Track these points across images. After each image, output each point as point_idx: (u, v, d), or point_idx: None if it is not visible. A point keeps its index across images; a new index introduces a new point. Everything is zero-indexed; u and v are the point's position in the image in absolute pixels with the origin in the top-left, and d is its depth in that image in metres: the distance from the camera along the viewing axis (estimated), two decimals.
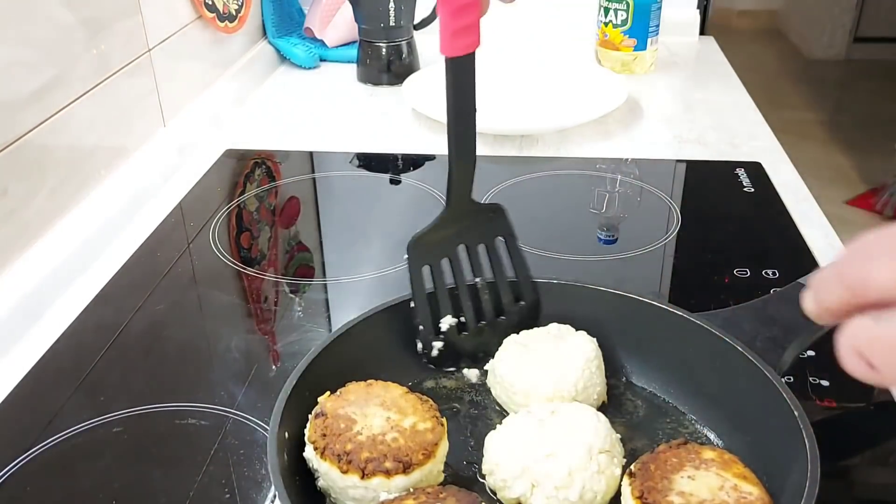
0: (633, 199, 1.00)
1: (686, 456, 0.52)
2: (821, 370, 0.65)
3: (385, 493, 0.51)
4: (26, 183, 0.80)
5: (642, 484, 0.50)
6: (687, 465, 0.51)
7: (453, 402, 0.63)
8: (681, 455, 0.52)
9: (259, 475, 0.59)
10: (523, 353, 0.61)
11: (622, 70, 1.34)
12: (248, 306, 0.81)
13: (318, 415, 0.55)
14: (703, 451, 0.52)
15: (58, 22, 0.84)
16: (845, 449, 0.60)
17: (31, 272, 0.78)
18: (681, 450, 0.52)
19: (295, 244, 0.93)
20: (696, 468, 0.50)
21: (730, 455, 0.52)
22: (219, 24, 1.20)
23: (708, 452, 0.52)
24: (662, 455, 0.52)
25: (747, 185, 0.97)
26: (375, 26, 1.31)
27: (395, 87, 1.30)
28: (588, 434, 0.53)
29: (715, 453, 0.52)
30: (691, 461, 0.51)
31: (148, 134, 1.03)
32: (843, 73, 4.18)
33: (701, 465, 0.51)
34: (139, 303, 0.79)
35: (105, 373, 0.70)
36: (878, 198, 2.98)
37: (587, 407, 0.56)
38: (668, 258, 0.86)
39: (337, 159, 1.10)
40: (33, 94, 0.80)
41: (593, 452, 0.52)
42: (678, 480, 0.50)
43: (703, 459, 0.51)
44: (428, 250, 0.64)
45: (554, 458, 0.52)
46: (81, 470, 0.60)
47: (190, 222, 0.94)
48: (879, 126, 3.49)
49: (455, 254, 0.65)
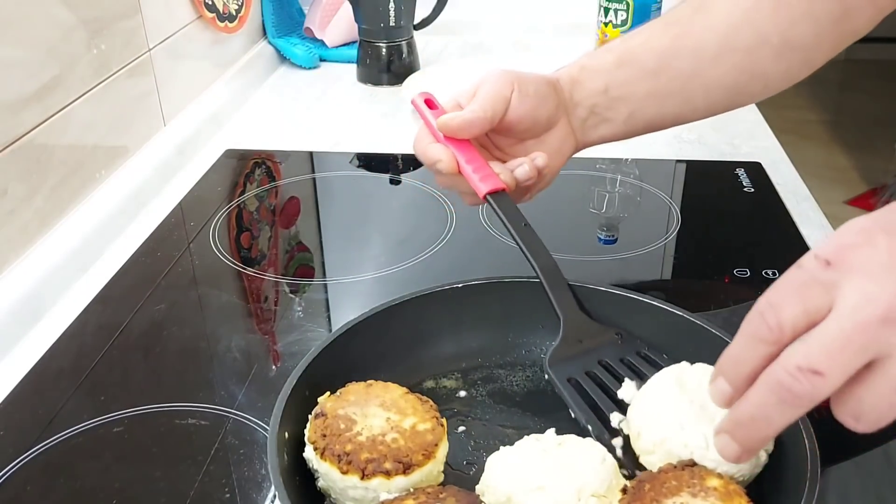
0: (633, 199, 1.00)
1: (688, 480, 0.49)
2: None
3: (385, 493, 0.51)
4: (26, 183, 0.80)
5: (631, 503, 0.48)
6: (684, 491, 0.48)
7: (453, 402, 0.63)
8: (682, 478, 0.49)
9: (259, 475, 0.59)
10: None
11: None
12: (248, 306, 0.81)
13: (318, 415, 0.55)
14: (708, 477, 0.49)
15: (58, 22, 0.84)
16: (845, 449, 0.60)
17: (31, 272, 0.78)
18: (685, 472, 0.50)
19: (295, 244, 0.93)
20: (692, 495, 0.47)
21: (735, 486, 0.48)
22: (219, 24, 1.20)
23: (713, 480, 0.49)
24: (662, 476, 0.50)
25: (747, 185, 0.97)
26: (375, 26, 1.31)
27: (395, 87, 1.30)
28: (585, 475, 0.51)
29: (720, 482, 0.48)
30: (691, 487, 0.48)
31: (148, 134, 1.03)
32: (843, 73, 4.17)
33: (699, 493, 0.47)
34: (139, 303, 0.79)
35: (105, 373, 0.70)
36: (878, 198, 2.98)
37: (599, 446, 0.54)
38: (668, 258, 0.86)
39: (337, 159, 1.10)
40: (33, 94, 0.80)
41: (583, 494, 0.50)
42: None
43: (704, 486, 0.48)
44: (566, 367, 0.61)
45: (542, 492, 0.50)
46: (81, 470, 0.60)
47: (190, 222, 0.94)
48: (879, 126, 3.48)
49: (597, 367, 0.62)
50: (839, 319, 0.39)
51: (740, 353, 0.43)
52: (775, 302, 0.41)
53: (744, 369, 0.43)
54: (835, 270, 0.40)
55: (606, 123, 0.71)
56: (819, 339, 0.39)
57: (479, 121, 0.65)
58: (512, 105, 0.66)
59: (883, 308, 0.38)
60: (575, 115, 0.70)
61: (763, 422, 0.42)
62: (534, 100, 0.67)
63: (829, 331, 0.39)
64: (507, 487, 0.51)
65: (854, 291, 0.39)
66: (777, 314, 0.41)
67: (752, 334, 0.42)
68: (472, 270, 0.72)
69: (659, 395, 0.55)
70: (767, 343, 0.41)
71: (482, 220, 0.91)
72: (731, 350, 0.44)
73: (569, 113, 0.70)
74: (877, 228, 0.40)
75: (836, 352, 0.39)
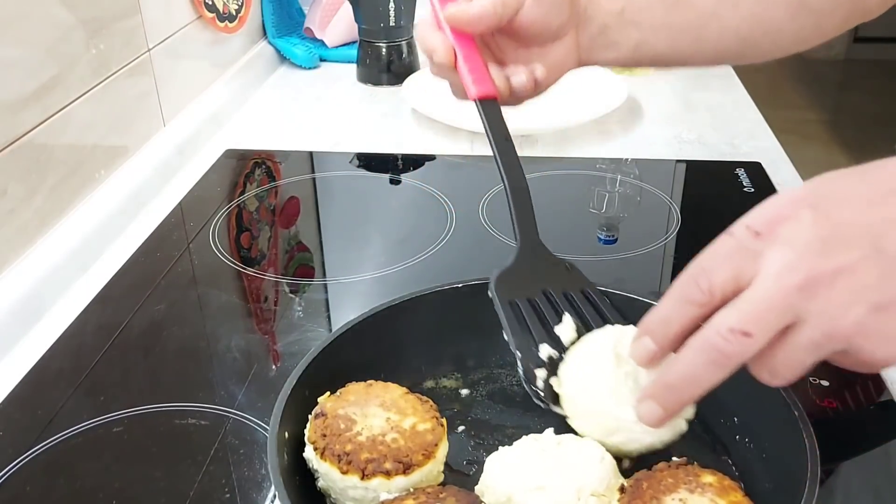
0: (633, 199, 1.00)
1: (684, 477, 0.50)
2: (821, 370, 0.65)
3: (385, 493, 0.51)
4: (26, 183, 0.79)
5: (630, 501, 0.49)
6: (681, 487, 0.49)
7: (453, 402, 0.63)
8: (678, 476, 0.50)
9: (259, 475, 0.59)
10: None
11: (622, 70, 1.34)
12: (248, 306, 0.81)
13: (318, 415, 0.55)
14: (703, 474, 0.50)
15: (57, 22, 0.84)
16: (845, 449, 0.60)
17: (31, 272, 0.78)
18: (680, 470, 0.51)
19: (295, 244, 0.93)
20: (690, 491, 0.48)
21: (730, 482, 0.50)
22: (219, 24, 1.20)
23: (708, 476, 0.50)
24: (659, 474, 0.50)
25: (747, 185, 0.97)
26: (375, 26, 1.31)
27: (395, 87, 1.30)
28: (584, 474, 0.51)
29: (715, 478, 0.50)
30: (687, 483, 0.49)
31: (148, 134, 1.03)
32: (843, 73, 4.18)
33: (696, 489, 0.49)
34: (139, 303, 0.79)
35: (105, 373, 0.70)
36: None
37: (597, 446, 0.54)
38: (668, 258, 0.86)
39: (337, 159, 1.10)
40: (33, 93, 0.80)
41: (583, 493, 0.50)
42: (668, 502, 0.48)
43: (700, 483, 0.49)
44: (511, 289, 0.60)
45: (542, 491, 0.50)
46: (81, 470, 0.60)
47: (190, 222, 0.94)
48: (879, 126, 3.49)
49: (540, 296, 0.61)
50: (765, 285, 0.42)
51: (669, 313, 0.46)
52: (707, 267, 0.45)
53: (671, 329, 0.46)
54: (762, 241, 0.43)
55: (614, 47, 0.69)
56: (749, 303, 0.43)
57: (488, 17, 0.62)
58: (526, 6, 0.63)
59: (801, 277, 0.41)
60: (585, 32, 0.68)
61: (692, 382, 0.45)
62: (549, 5, 0.64)
63: (756, 295, 0.42)
64: (507, 488, 0.51)
65: (777, 261, 0.42)
66: (709, 278, 0.44)
67: (682, 297, 0.45)
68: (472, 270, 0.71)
69: (595, 364, 0.55)
70: (698, 305, 0.45)
71: (482, 220, 0.91)
72: (658, 310, 0.47)
73: (579, 28, 0.68)
74: (804, 203, 0.43)
75: (763, 314, 0.42)
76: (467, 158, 1.08)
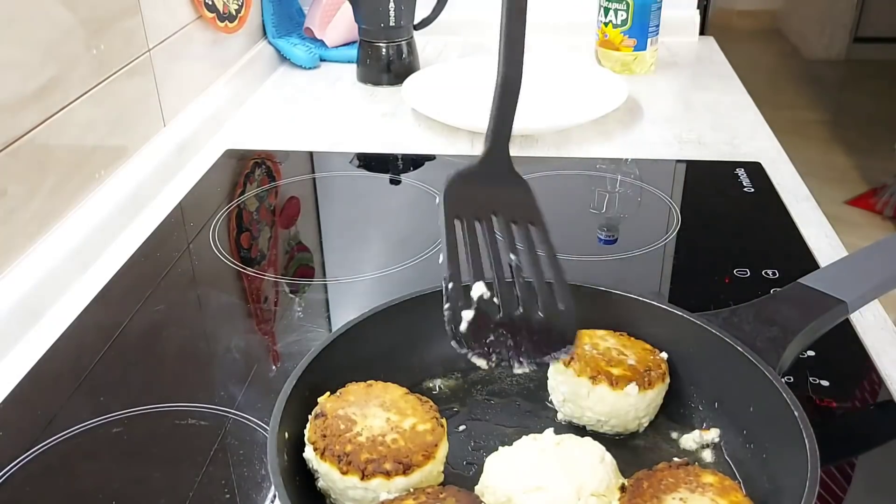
0: (633, 200, 1.00)
1: (684, 477, 0.50)
2: (821, 370, 0.65)
3: (385, 493, 0.51)
4: (26, 183, 0.79)
5: (630, 500, 0.49)
6: (682, 487, 0.49)
7: (453, 402, 0.63)
8: (679, 476, 0.50)
9: (259, 475, 0.59)
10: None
11: (622, 70, 1.34)
12: (248, 306, 0.81)
13: (317, 415, 0.55)
14: (703, 474, 0.50)
15: (57, 22, 0.84)
16: (845, 449, 0.60)
17: (31, 272, 0.78)
18: (680, 470, 0.51)
19: (295, 244, 0.93)
20: (690, 491, 0.49)
21: (731, 482, 0.50)
22: (219, 24, 1.20)
23: (708, 477, 0.50)
24: (660, 474, 0.51)
25: (747, 185, 0.97)
26: (375, 26, 1.31)
27: (395, 87, 1.30)
28: (583, 474, 0.51)
29: (715, 478, 0.50)
30: (688, 483, 0.49)
31: (148, 134, 1.03)
32: (843, 73, 4.17)
33: (697, 489, 0.49)
34: (139, 303, 0.79)
35: (105, 373, 0.70)
36: (878, 198, 2.99)
37: (597, 445, 0.54)
38: (668, 258, 0.86)
39: (337, 159, 1.10)
40: (33, 94, 0.80)
41: (583, 493, 0.50)
42: (669, 501, 0.48)
43: (700, 483, 0.49)
44: (462, 202, 0.55)
45: (541, 492, 0.50)
46: (81, 470, 0.60)
47: (190, 222, 0.94)
48: (879, 126, 3.49)
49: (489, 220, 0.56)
50: None
51: None
52: None
53: None
54: None
55: None
56: None
57: None
58: None
59: None
60: None
61: None
62: None
63: None
64: (507, 488, 0.51)
65: None
66: None
67: None
68: None
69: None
70: None
71: None
72: None
73: None
74: None
75: None
76: (467, 158, 1.08)
